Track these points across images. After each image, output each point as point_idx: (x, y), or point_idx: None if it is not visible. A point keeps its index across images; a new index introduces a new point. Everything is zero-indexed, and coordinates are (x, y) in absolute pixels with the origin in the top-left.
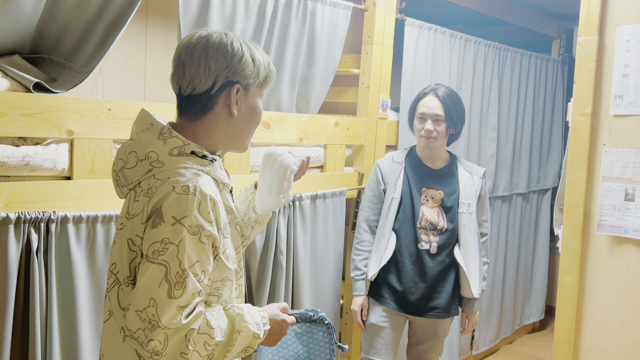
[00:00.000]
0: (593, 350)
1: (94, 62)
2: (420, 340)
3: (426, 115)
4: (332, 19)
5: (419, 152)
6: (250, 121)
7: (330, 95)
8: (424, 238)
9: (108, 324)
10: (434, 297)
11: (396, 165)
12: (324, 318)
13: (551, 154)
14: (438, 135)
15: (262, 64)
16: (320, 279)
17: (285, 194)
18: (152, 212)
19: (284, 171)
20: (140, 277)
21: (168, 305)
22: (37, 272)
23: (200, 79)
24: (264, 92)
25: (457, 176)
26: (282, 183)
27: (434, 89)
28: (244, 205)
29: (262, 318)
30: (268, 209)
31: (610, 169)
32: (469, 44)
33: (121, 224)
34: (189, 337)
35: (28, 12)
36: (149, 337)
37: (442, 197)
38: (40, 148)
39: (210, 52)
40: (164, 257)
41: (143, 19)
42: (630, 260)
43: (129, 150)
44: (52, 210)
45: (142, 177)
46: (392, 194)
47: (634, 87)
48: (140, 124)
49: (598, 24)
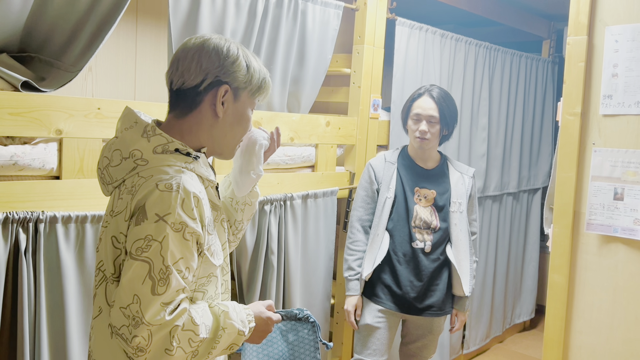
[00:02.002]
0: (582, 348)
1: (83, 61)
2: (415, 338)
3: (421, 116)
4: (323, 18)
5: (411, 152)
6: (236, 126)
7: (321, 95)
8: (419, 237)
9: (97, 320)
10: (430, 296)
11: (389, 165)
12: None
13: (541, 154)
14: (432, 137)
15: (257, 73)
16: (311, 279)
17: (256, 169)
18: (135, 209)
19: (253, 146)
20: (124, 274)
21: (152, 302)
22: (26, 273)
23: (190, 73)
24: (256, 101)
25: (448, 176)
26: (252, 159)
27: (428, 90)
28: (228, 190)
29: (248, 315)
30: (244, 189)
31: (600, 168)
32: (460, 43)
33: (106, 221)
34: (173, 333)
35: (16, 10)
36: (133, 334)
37: (435, 196)
38: (29, 147)
39: (204, 51)
40: (148, 254)
41: (133, 18)
42: (619, 259)
43: (114, 148)
44: (40, 210)
45: (126, 175)
46: (385, 193)
47: (623, 87)
48: (125, 122)
49: (587, 24)
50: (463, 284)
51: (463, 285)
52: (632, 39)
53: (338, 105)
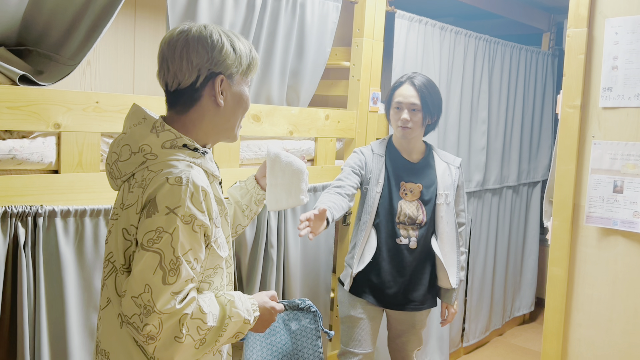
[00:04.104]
0: (582, 341)
1: (81, 54)
2: (399, 333)
3: (402, 105)
4: (322, 11)
5: (396, 143)
6: (238, 109)
7: (320, 88)
8: (403, 233)
9: (105, 311)
10: (411, 290)
11: (377, 157)
12: (311, 306)
13: (541, 147)
14: (414, 126)
15: (244, 52)
16: (311, 272)
17: (305, 194)
18: (146, 202)
19: (300, 174)
20: (135, 264)
21: (162, 291)
22: (25, 267)
23: (183, 73)
24: (249, 79)
25: (434, 167)
26: (301, 185)
27: (410, 77)
28: (245, 198)
29: (252, 305)
30: (286, 207)
31: (599, 161)
32: (459, 36)
33: (116, 214)
34: (183, 321)
35: (14, 4)
36: (144, 322)
37: (422, 190)
38: (27, 141)
39: (191, 47)
40: (159, 245)
41: (132, 11)
42: (619, 251)
43: (122, 143)
44: (39, 204)
45: (135, 169)
46: (375, 188)
47: (623, 79)
48: (133, 118)
49: (587, 17)
50: (449, 277)
51: (449, 277)
52: (632, 31)
53: (337, 99)
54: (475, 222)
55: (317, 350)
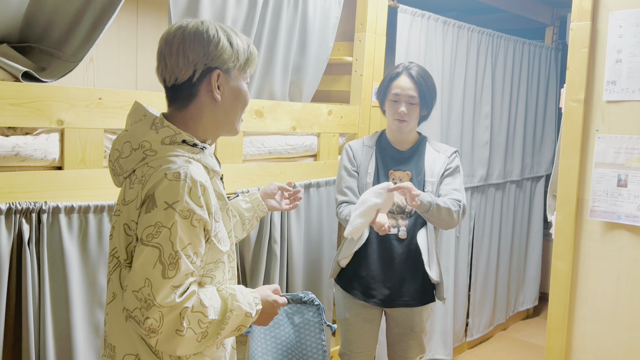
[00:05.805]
0: (586, 335)
1: (84, 51)
2: (398, 338)
3: (400, 97)
4: (324, 6)
5: (389, 135)
6: (236, 104)
7: (323, 84)
8: (392, 222)
9: (111, 305)
10: (403, 284)
11: (367, 149)
12: (314, 299)
13: (544, 141)
14: (411, 119)
15: (241, 47)
16: (314, 268)
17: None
18: (145, 198)
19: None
20: (135, 259)
21: (162, 285)
22: (29, 263)
23: (180, 69)
24: (248, 74)
25: (423, 156)
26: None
27: (407, 68)
28: (249, 212)
29: (254, 298)
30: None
31: (603, 155)
32: (462, 31)
33: (118, 210)
34: (184, 315)
35: (16, 1)
36: (145, 315)
37: (411, 177)
38: (31, 138)
39: (187, 42)
40: (158, 240)
41: (134, 7)
42: (623, 246)
43: (124, 140)
44: (43, 200)
45: (136, 166)
46: (365, 178)
47: (627, 72)
48: (134, 116)
49: (591, 10)
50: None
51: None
52: (636, 24)
53: (340, 94)
54: (479, 216)
55: (321, 344)
